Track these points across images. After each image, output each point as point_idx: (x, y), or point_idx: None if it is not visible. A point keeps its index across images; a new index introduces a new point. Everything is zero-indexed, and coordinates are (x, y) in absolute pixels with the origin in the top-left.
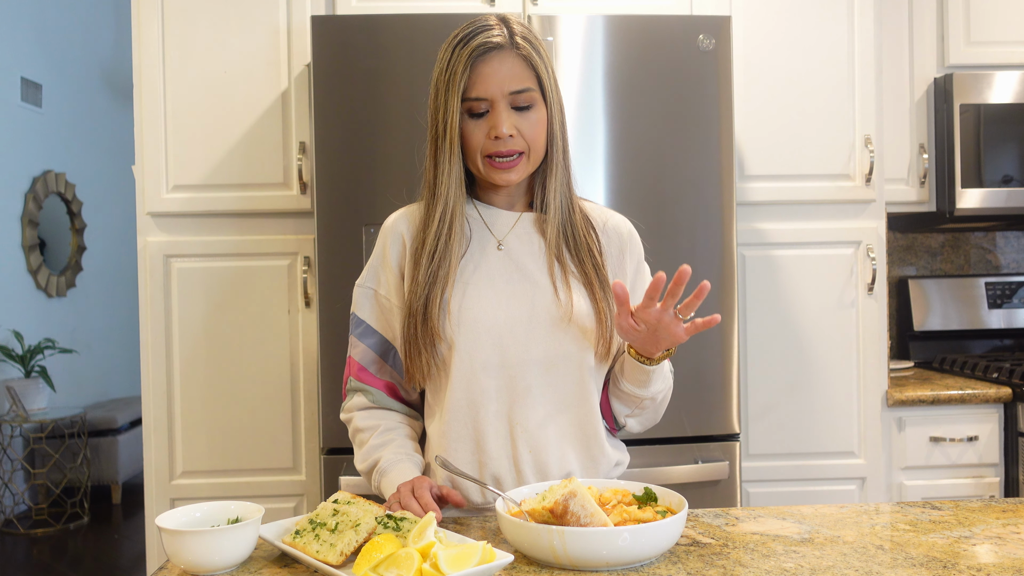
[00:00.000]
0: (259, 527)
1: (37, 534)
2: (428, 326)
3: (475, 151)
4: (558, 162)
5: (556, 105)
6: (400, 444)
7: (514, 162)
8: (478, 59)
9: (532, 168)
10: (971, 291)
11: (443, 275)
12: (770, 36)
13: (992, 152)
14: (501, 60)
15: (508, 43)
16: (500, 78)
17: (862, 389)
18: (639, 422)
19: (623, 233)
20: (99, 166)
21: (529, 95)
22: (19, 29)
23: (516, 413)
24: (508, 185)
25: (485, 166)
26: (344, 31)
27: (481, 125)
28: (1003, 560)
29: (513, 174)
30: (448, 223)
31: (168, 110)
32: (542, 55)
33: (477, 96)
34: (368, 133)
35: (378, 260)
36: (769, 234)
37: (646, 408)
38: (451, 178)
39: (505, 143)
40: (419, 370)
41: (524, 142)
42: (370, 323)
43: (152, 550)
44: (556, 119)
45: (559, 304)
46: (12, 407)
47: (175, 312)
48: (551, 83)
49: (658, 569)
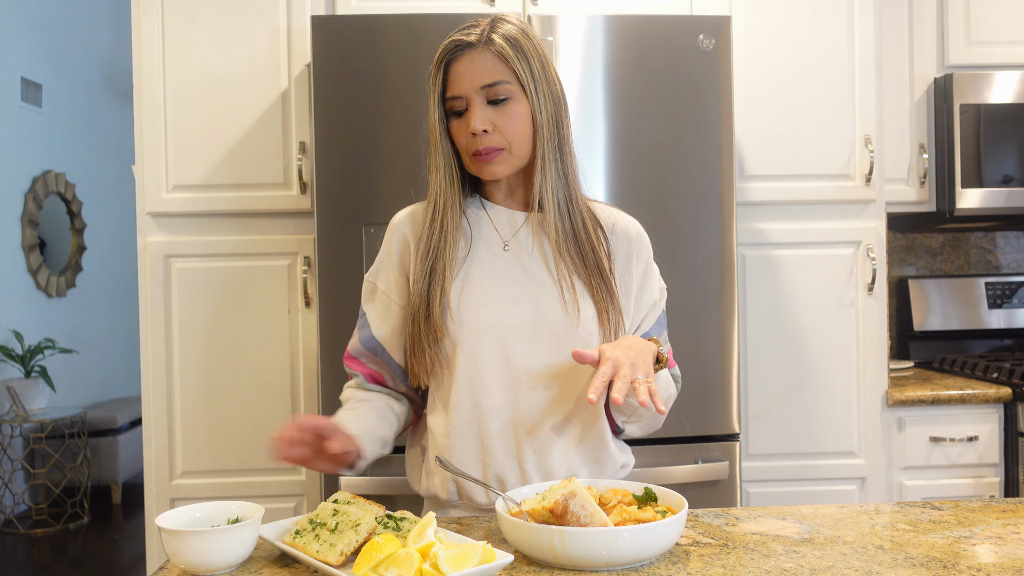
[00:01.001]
0: (259, 527)
1: (37, 534)
2: (430, 323)
3: (463, 150)
4: (548, 157)
5: (543, 99)
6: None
7: (493, 155)
8: (451, 60)
9: (519, 162)
10: (971, 291)
11: (439, 272)
12: (770, 36)
13: (992, 152)
14: (471, 58)
15: (480, 41)
16: (471, 75)
17: (862, 389)
18: (639, 428)
19: (632, 235)
20: (99, 166)
21: (503, 88)
22: (19, 29)
23: (520, 415)
24: (495, 179)
25: (472, 163)
26: (344, 31)
27: (462, 123)
28: (1003, 560)
29: (496, 167)
30: (440, 222)
31: (168, 110)
32: (522, 50)
33: (452, 95)
34: (368, 133)
35: (383, 256)
36: (769, 234)
37: (643, 416)
38: (440, 176)
39: (480, 139)
40: (423, 368)
41: (502, 137)
42: (368, 317)
43: (152, 550)
44: (543, 113)
45: (564, 306)
46: (12, 407)
47: (175, 312)
48: (531, 77)
49: (658, 569)
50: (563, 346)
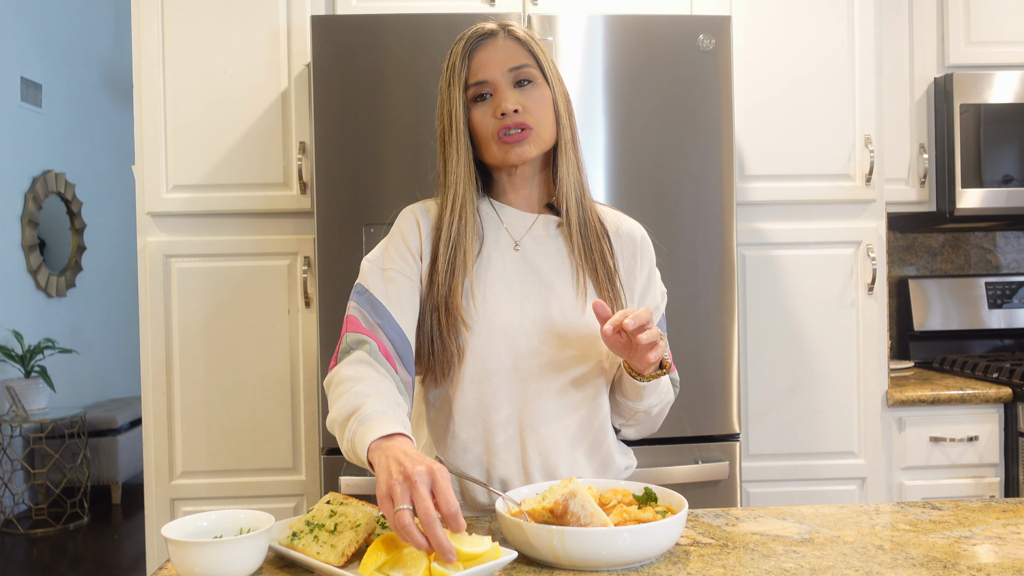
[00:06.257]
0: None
1: (37, 534)
2: (452, 315)
3: (487, 136)
4: (568, 144)
5: (559, 89)
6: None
7: (524, 135)
8: (474, 48)
9: (543, 145)
10: (971, 291)
11: (460, 262)
12: (770, 36)
13: (992, 152)
14: (495, 44)
15: (501, 30)
16: (498, 59)
17: (862, 389)
18: (636, 431)
19: (636, 239)
20: (99, 166)
21: (528, 71)
22: (19, 29)
23: (526, 416)
24: (523, 161)
25: (499, 147)
26: (344, 31)
27: (487, 108)
28: (1003, 560)
29: (526, 146)
30: (459, 211)
31: (168, 110)
32: (537, 43)
33: (478, 80)
34: (368, 133)
35: (390, 241)
36: (769, 234)
37: (641, 420)
38: (459, 167)
39: (511, 117)
40: (442, 365)
41: (531, 116)
42: (373, 292)
43: (152, 550)
44: (560, 102)
45: (573, 307)
46: (12, 407)
47: (175, 312)
48: (550, 65)
49: (658, 569)
50: (570, 347)
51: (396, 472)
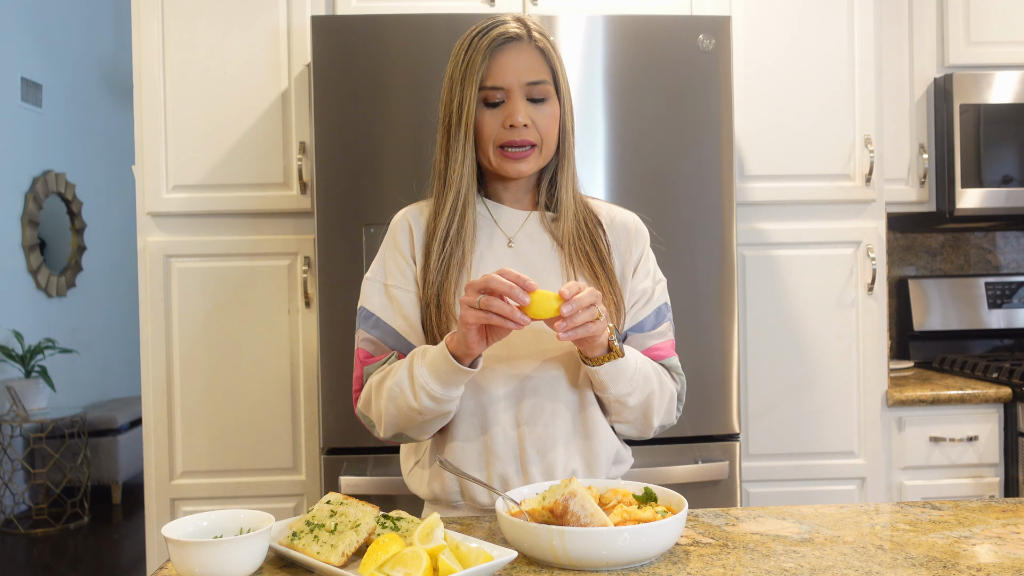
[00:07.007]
0: (269, 537)
1: (37, 534)
2: (443, 313)
3: (488, 141)
4: (570, 158)
5: (568, 102)
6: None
7: (526, 153)
8: (496, 49)
9: (543, 162)
10: (971, 291)
11: (457, 261)
12: (770, 36)
13: (992, 152)
14: (519, 51)
15: (526, 36)
16: (518, 68)
17: (862, 389)
18: (629, 428)
19: (630, 228)
20: (99, 166)
21: (544, 88)
22: (19, 29)
23: (524, 414)
24: (520, 177)
25: (497, 156)
26: (344, 31)
27: (496, 115)
28: (1003, 560)
29: (525, 165)
30: (460, 210)
31: (168, 110)
32: (556, 51)
33: (494, 85)
34: (368, 133)
35: (386, 252)
36: (769, 234)
37: (621, 412)
38: (464, 166)
39: (519, 132)
40: None
41: (538, 134)
42: (380, 315)
43: (152, 550)
44: (568, 116)
45: None
46: (12, 407)
47: (175, 312)
48: (564, 79)
49: (658, 569)
50: (566, 345)
51: (466, 314)
